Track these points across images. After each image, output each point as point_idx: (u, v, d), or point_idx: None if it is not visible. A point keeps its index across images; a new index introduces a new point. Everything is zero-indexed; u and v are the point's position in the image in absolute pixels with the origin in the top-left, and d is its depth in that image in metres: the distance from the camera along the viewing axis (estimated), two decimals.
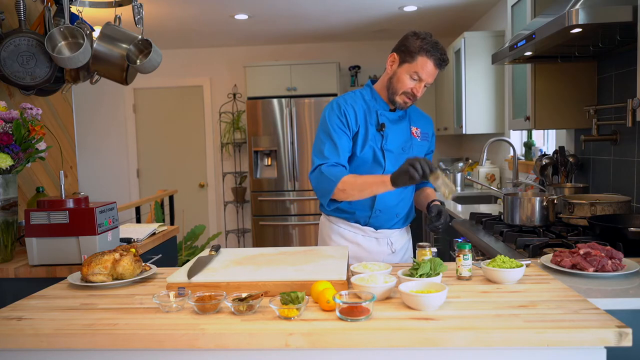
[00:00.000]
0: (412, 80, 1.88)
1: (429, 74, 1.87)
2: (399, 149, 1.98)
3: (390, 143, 1.96)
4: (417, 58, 1.85)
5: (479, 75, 4.31)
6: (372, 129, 1.95)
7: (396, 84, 1.91)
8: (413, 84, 1.89)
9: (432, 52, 1.85)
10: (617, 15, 1.83)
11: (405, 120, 2.03)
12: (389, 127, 1.96)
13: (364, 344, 1.16)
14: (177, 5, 4.24)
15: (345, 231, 2.06)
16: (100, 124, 6.14)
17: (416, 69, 1.86)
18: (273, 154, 5.38)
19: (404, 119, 2.03)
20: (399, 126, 2.00)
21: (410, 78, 1.88)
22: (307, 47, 5.95)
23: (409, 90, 1.90)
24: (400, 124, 2.01)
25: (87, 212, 1.93)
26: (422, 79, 1.87)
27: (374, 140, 1.94)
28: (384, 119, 1.97)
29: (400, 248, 2.10)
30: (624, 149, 2.43)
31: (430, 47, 1.85)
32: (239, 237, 6.06)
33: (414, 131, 2.03)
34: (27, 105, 2.21)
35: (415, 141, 2.03)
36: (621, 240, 1.85)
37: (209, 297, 1.34)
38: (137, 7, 2.57)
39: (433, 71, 1.87)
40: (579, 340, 1.12)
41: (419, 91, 1.90)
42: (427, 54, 1.85)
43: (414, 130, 2.03)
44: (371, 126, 1.95)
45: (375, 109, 1.97)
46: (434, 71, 1.87)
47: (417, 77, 1.87)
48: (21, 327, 1.26)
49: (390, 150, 1.96)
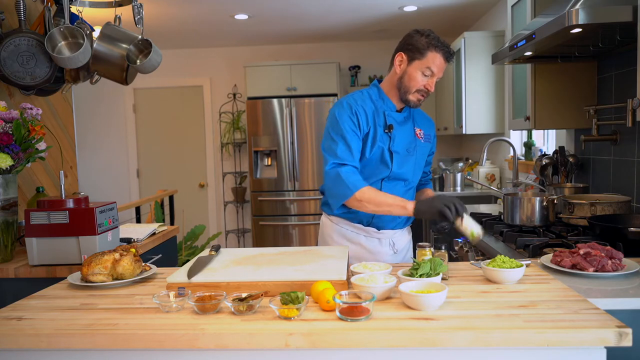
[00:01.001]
0: (424, 77, 1.91)
1: (440, 67, 1.91)
2: (404, 150, 1.99)
3: (397, 144, 1.97)
4: (427, 54, 1.88)
5: (479, 75, 4.31)
6: (380, 130, 1.95)
7: (408, 82, 1.92)
8: (425, 80, 1.91)
9: (440, 46, 1.89)
10: (617, 15, 1.83)
11: (409, 121, 2.03)
12: (396, 128, 1.97)
13: (364, 344, 1.16)
14: (177, 5, 4.24)
15: (347, 231, 2.05)
16: (100, 124, 6.14)
17: (428, 64, 1.88)
18: (273, 154, 5.38)
19: (408, 120, 2.03)
20: (405, 127, 2.00)
21: (422, 74, 1.90)
22: (307, 47, 5.95)
23: (422, 87, 1.92)
24: (405, 125, 2.01)
25: (87, 212, 1.93)
26: (435, 73, 1.90)
27: (382, 140, 1.95)
28: (392, 120, 1.97)
29: (402, 248, 2.10)
30: (624, 149, 2.43)
31: (437, 42, 1.89)
32: (239, 237, 6.06)
33: (417, 132, 2.04)
34: (27, 105, 2.21)
35: (419, 142, 2.03)
36: (621, 240, 1.85)
37: (209, 297, 1.34)
38: (137, 7, 2.57)
39: (443, 65, 1.91)
40: (579, 340, 1.12)
41: (432, 86, 1.93)
42: (435, 48, 1.88)
43: (417, 131, 2.04)
44: (379, 127, 1.95)
45: (383, 110, 1.98)
46: (443, 65, 1.91)
47: (430, 72, 1.90)
48: (21, 327, 1.26)
49: (397, 151, 1.97)
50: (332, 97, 5.26)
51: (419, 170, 2.08)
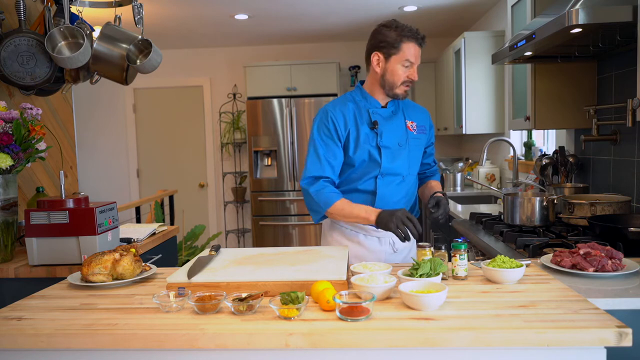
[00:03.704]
0: (405, 69, 1.94)
1: (416, 55, 1.94)
2: (395, 144, 2.01)
3: (385, 139, 1.99)
4: (401, 46, 1.92)
5: (479, 75, 4.31)
6: (365, 129, 1.98)
7: (392, 78, 1.96)
8: (407, 71, 1.95)
9: (411, 35, 1.92)
10: (617, 15, 1.83)
11: (398, 115, 2.05)
12: (382, 124, 1.99)
13: (364, 344, 1.16)
14: (177, 5, 4.24)
15: (347, 230, 2.06)
16: (100, 124, 6.14)
17: (405, 56, 1.92)
18: (273, 154, 5.38)
19: (397, 114, 2.05)
20: (393, 122, 2.02)
21: (402, 67, 1.94)
22: (307, 47, 5.95)
23: (406, 78, 1.96)
24: (394, 120, 2.03)
25: (87, 212, 1.93)
26: (413, 62, 1.94)
27: (367, 139, 1.98)
28: (377, 116, 2.00)
29: (402, 248, 2.10)
30: (624, 149, 2.43)
31: (407, 31, 1.92)
32: (239, 237, 6.06)
33: (409, 125, 2.05)
34: (27, 105, 2.21)
35: (411, 135, 2.05)
36: (621, 240, 1.85)
37: (209, 297, 1.34)
38: (137, 7, 2.57)
39: (418, 51, 1.94)
40: (579, 340, 1.12)
41: (415, 75, 1.96)
42: (407, 38, 1.92)
43: (409, 124, 2.05)
44: (363, 126, 1.98)
45: (367, 108, 2.01)
46: (418, 51, 1.95)
47: (409, 62, 1.93)
48: (21, 327, 1.26)
49: (387, 146, 1.99)
50: (332, 97, 5.26)
51: (415, 164, 2.08)
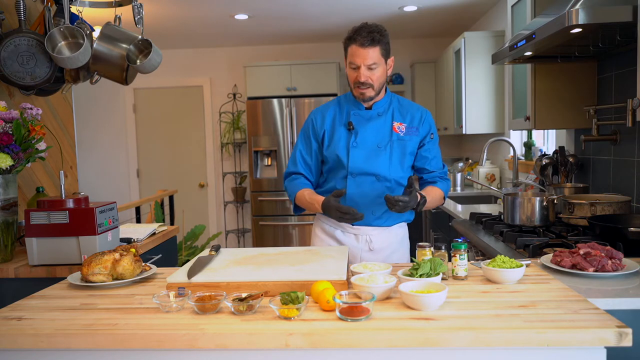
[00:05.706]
0: (353, 71, 1.99)
1: (360, 56, 1.94)
2: (372, 145, 2.03)
3: (360, 139, 2.03)
4: (348, 50, 1.98)
5: (479, 75, 4.31)
6: (341, 129, 2.06)
7: (348, 81, 2.04)
8: (355, 74, 1.98)
9: (353, 37, 1.95)
10: (617, 15, 1.84)
11: (384, 117, 2.06)
12: (360, 125, 2.04)
13: (364, 344, 1.16)
14: (177, 5, 4.24)
15: (326, 226, 2.14)
16: (100, 124, 6.14)
17: (350, 59, 1.97)
18: (273, 154, 5.38)
19: (383, 116, 2.06)
20: (374, 123, 2.05)
21: (351, 69, 1.99)
22: (307, 47, 5.95)
23: (356, 80, 1.98)
24: (376, 122, 2.05)
25: (87, 212, 1.93)
26: (357, 64, 1.95)
27: (339, 139, 2.05)
28: (356, 117, 2.06)
29: (381, 247, 2.08)
30: (624, 149, 2.43)
31: (351, 34, 1.96)
32: (239, 237, 6.06)
33: (395, 126, 2.06)
34: (27, 105, 2.21)
35: (396, 137, 2.05)
36: (621, 240, 1.85)
37: (209, 297, 1.34)
38: (137, 7, 2.56)
39: (360, 52, 1.93)
40: (579, 340, 1.12)
41: (362, 77, 1.96)
42: (350, 41, 1.96)
43: (396, 125, 2.06)
44: (340, 126, 2.07)
45: (348, 110, 2.08)
46: (361, 51, 1.93)
47: (355, 65, 1.96)
48: (21, 327, 1.26)
49: (358, 146, 2.03)
50: (332, 97, 5.25)
51: (399, 166, 2.06)
